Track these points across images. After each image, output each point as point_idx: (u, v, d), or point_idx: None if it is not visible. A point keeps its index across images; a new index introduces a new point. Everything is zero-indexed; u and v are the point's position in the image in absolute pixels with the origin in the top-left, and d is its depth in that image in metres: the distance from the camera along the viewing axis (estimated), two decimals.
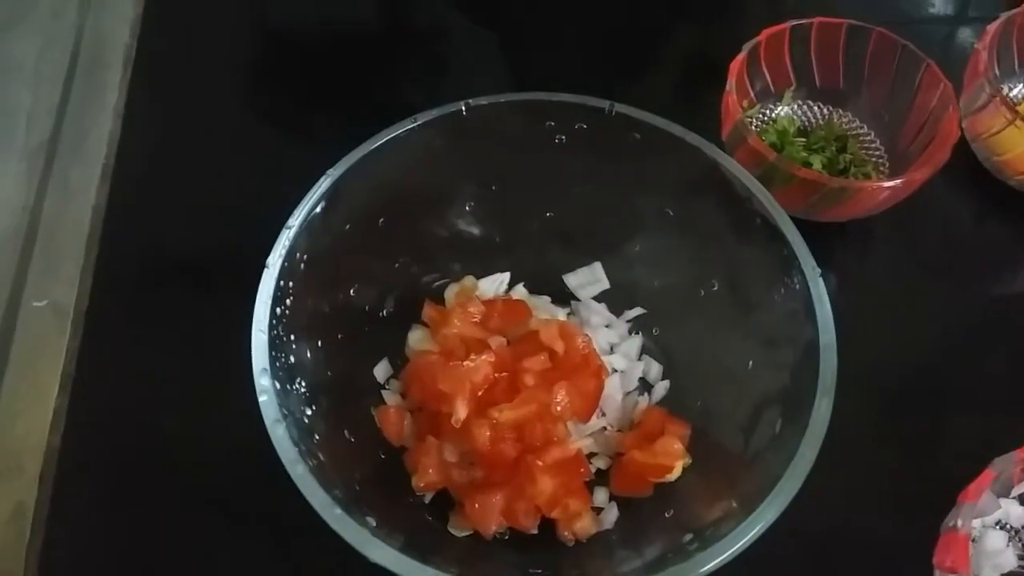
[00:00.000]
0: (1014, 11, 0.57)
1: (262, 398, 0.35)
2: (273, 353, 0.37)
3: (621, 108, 0.45)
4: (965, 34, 0.68)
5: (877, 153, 0.57)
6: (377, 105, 0.62)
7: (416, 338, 0.47)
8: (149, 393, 0.49)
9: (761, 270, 0.42)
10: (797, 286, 0.40)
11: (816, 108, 0.58)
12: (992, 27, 0.56)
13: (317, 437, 0.38)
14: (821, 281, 0.39)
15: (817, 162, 0.53)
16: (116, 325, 0.52)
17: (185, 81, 0.63)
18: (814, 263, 0.39)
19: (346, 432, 0.42)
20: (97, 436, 0.48)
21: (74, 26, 0.67)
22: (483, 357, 0.43)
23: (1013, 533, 0.44)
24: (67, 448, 0.47)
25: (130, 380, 0.49)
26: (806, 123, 0.58)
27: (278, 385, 0.36)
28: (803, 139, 0.56)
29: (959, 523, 0.38)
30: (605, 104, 0.45)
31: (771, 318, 0.42)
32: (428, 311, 0.48)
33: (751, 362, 0.44)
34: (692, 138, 0.44)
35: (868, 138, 0.57)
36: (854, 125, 0.58)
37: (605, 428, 0.46)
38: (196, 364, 0.49)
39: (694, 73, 0.66)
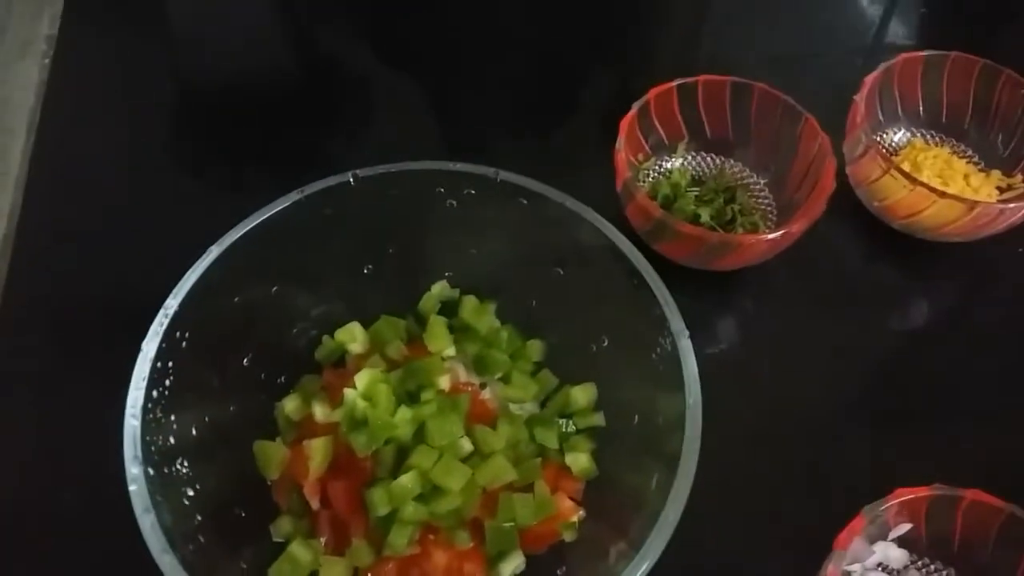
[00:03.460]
0: (893, 61, 0.60)
1: (132, 487, 0.35)
2: (148, 438, 0.37)
3: (506, 176, 0.46)
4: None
5: (766, 202, 0.59)
6: (296, 155, 0.64)
7: (292, 407, 0.47)
8: (44, 466, 0.48)
9: (640, 329, 0.43)
10: (669, 347, 0.41)
11: (709, 158, 0.61)
12: (870, 78, 0.59)
13: (199, 518, 0.38)
14: (688, 343, 0.40)
15: (705, 214, 0.55)
16: (11, 399, 0.51)
17: (89, 147, 0.63)
18: (683, 325, 0.41)
19: (237, 509, 0.42)
20: None
21: None
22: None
23: (895, 575, 0.45)
24: None
25: (25, 453, 0.49)
26: (700, 173, 0.60)
27: (151, 471, 0.36)
28: (697, 188, 0.58)
29: (829, 570, 0.40)
30: (490, 172, 0.47)
31: (650, 374, 0.43)
32: (328, 377, 0.49)
33: (636, 416, 0.45)
34: (572, 204, 0.45)
35: (757, 187, 0.59)
36: (744, 174, 0.60)
37: None
38: (94, 436, 0.48)
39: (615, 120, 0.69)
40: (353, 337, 0.50)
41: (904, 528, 0.44)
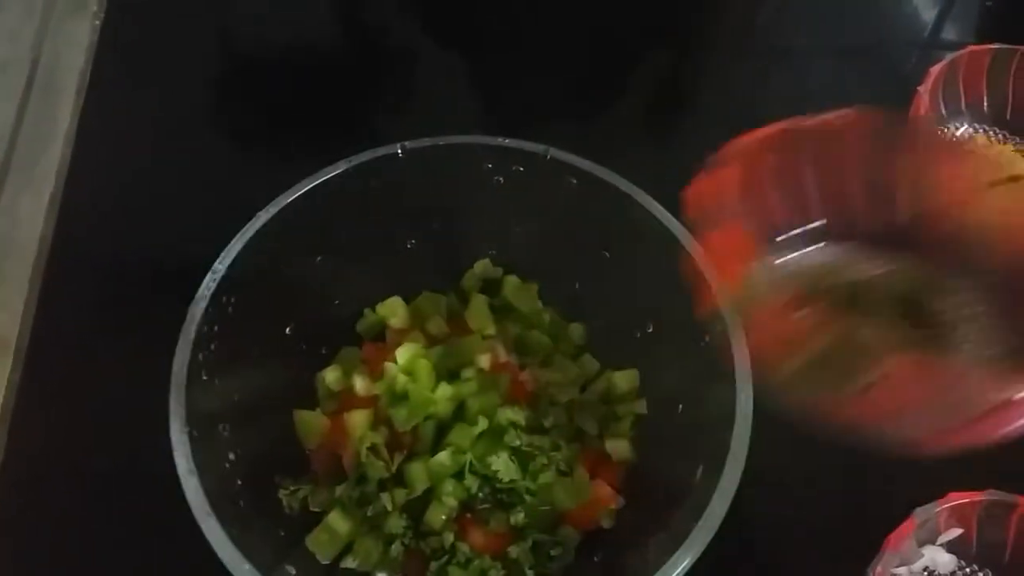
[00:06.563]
0: (959, 53, 0.58)
1: (176, 448, 0.35)
2: (192, 400, 0.37)
3: (556, 153, 0.45)
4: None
5: None
6: (341, 128, 0.63)
7: (332, 378, 0.47)
8: (89, 428, 0.49)
9: (688, 316, 0.42)
10: (720, 336, 0.40)
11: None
12: (935, 69, 0.57)
13: (239, 483, 0.38)
14: (741, 332, 0.39)
15: None
16: (58, 359, 0.51)
17: (138, 110, 0.63)
18: (733, 312, 0.40)
19: (276, 476, 0.42)
20: (35, 470, 0.48)
21: (31, 50, 0.67)
22: None
23: None
24: (4, 480, 0.47)
25: (71, 414, 0.49)
26: None
27: (196, 433, 0.36)
28: None
29: (877, 571, 0.39)
30: (540, 149, 0.46)
31: (698, 363, 0.42)
32: (368, 351, 0.49)
33: (681, 405, 0.44)
34: (624, 185, 0.44)
35: None
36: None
37: None
38: (138, 400, 0.49)
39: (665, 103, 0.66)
40: (394, 311, 0.49)
41: (954, 533, 0.43)
